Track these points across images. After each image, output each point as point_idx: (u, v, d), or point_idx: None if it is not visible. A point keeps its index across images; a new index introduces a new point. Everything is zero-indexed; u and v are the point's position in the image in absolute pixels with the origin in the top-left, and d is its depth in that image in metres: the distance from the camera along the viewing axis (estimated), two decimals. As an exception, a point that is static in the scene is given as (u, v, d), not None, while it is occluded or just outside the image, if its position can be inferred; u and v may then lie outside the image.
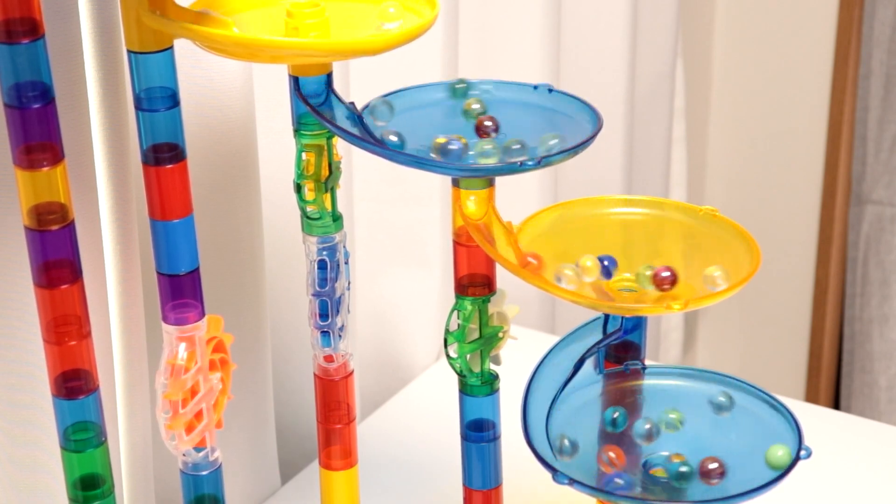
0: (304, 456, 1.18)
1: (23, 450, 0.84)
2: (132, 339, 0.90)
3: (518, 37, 1.34)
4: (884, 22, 1.78)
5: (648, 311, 0.79)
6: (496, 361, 0.85)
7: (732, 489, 0.76)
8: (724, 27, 1.90)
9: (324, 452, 0.90)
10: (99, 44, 0.82)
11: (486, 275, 0.83)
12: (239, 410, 1.02)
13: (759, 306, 1.99)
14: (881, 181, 1.82)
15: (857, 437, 1.15)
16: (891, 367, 1.86)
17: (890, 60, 1.78)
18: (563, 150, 0.77)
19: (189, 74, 0.91)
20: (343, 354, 0.88)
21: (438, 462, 1.12)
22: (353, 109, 0.80)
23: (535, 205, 1.36)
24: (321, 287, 0.85)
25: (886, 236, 1.84)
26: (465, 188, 0.79)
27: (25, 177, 0.69)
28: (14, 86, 0.67)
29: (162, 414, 0.77)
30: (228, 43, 0.74)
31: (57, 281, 0.71)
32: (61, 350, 0.72)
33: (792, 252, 1.93)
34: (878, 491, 1.08)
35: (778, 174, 1.93)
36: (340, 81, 1.05)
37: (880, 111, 1.80)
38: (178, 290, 0.78)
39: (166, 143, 0.75)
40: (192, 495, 0.82)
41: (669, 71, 1.64)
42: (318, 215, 0.84)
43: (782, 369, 1.99)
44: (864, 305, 1.86)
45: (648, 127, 1.64)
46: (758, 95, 1.91)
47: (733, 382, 0.83)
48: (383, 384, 1.28)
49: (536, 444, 0.79)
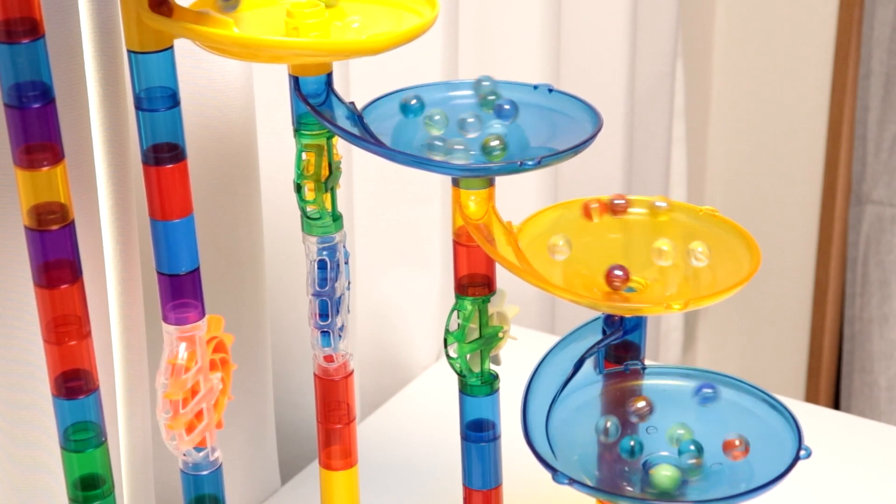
0: (304, 456, 1.18)
1: (23, 450, 0.84)
2: (132, 339, 0.90)
3: (518, 37, 1.34)
4: (884, 22, 1.78)
5: (648, 311, 0.79)
6: (496, 361, 0.85)
7: (732, 489, 0.76)
8: (724, 27, 1.90)
9: (324, 452, 0.90)
10: (99, 44, 0.82)
11: (486, 275, 0.83)
12: (239, 410, 1.02)
13: (759, 306, 1.99)
14: (881, 181, 1.82)
15: (857, 437, 1.15)
16: (891, 367, 1.86)
17: (890, 60, 1.78)
18: (563, 150, 0.77)
19: (189, 74, 0.91)
20: (343, 354, 0.88)
21: (438, 462, 1.12)
22: (353, 109, 0.80)
23: (535, 205, 1.36)
24: (321, 287, 0.85)
25: (886, 236, 1.84)
26: (465, 188, 0.79)
27: (25, 177, 0.69)
28: (14, 86, 0.67)
29: (162, 414, 0.77)
30: (228, 43, 0.74)
31: (57, 281, 0.71)
32: (61, 350, 0.72)
33: (792, 252, 1.93)
34: (878, 491, 1.08)
35: (778, 174, 1.93)
36: (340, 81, 1.05)
37: (880, 111, 1.80)
38: (179, 290, 0.78)
39: (166, 143, 0.75)
40: (192, 495, 0.82)
41: (669, 71, 1.64)
42: (318, 215, 0.84)
43: (782, 369, 1.99)
44: (864, 305, 1.87)
45: (648, 127, 1.64)
46: (758, 95, 1.91)
47: (733, 382, 0.83)
48: (383, 384, 1.28)
49: (536, 444, 0.79)
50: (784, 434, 0.79)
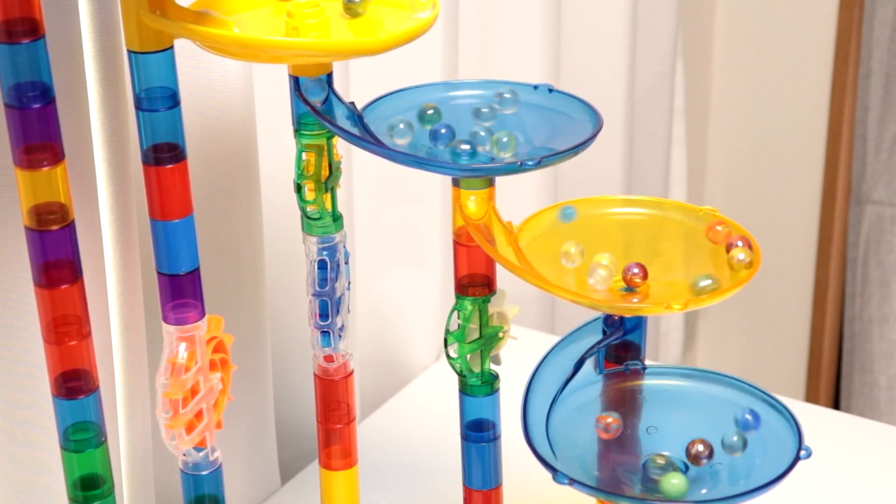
0: (304, 456, 1.18)
1: (23, 450, 0.84)
2: (132, 339, 0.90)
3: (518, 37, 1.34)
4: (884, 22, 1.78)
5: (648, 311, 0.79)
6: (496, 361, 0.85)
7: (732, 489, 0.76)
8: (724, 27, 1.90)
9: (324, 452, 0.90)
10: (99, 44, 0.82)
11: (486, 275, 0.83)
12: (239, 410, 1.02)
13: (759, 306, 1.99)
14: (881, 181, 1.82)
15: (857, 437, 1.15)
16: (891, 367, 1.86)
17: (890, 60, 1.78)
18: (563, 150, 0.77)
19: (189, 74, 0.91)
20: (343, 354, 0.88)
21: (438, 462, 1.12)
22: (353, 109, 0.80)
23: (535, 205, 1.36)
24: (321, 287, 0.85)
25: (886, 236, 1.84)
26: (465, 188, 0.79)
27: (25, 177, 0.69)
28: (14, 86, 0.67)
29: (162, 414, 0.77)
30: (228, 43, 0.74)
31: (57, 281, 0.71)
32: (61, 350, 0.72)
33: (792, 252, 1.93)
34: (878, 491, 1.08)
35: (778, 174, 1.93)
36: (340, 81, 1.05)
37: (880, 111, 1.80)
38: (179, 290, 0.78)
39: (166, 143, 0.75)
40: (192, 495, 0.82)
41: (669, 71, 1.64)
42: (318, 215, 0.84)
43: (782, 369, 1.99)
44: (864, 305, 1.87)
45: (648, 127, 1.64)
46: (758, 95, 1.91)
47: (733, 382, 0.83)
48: (383, 384, 1.28)
49: (536, 444, 0.79)
50: (784, 434, 0.79)
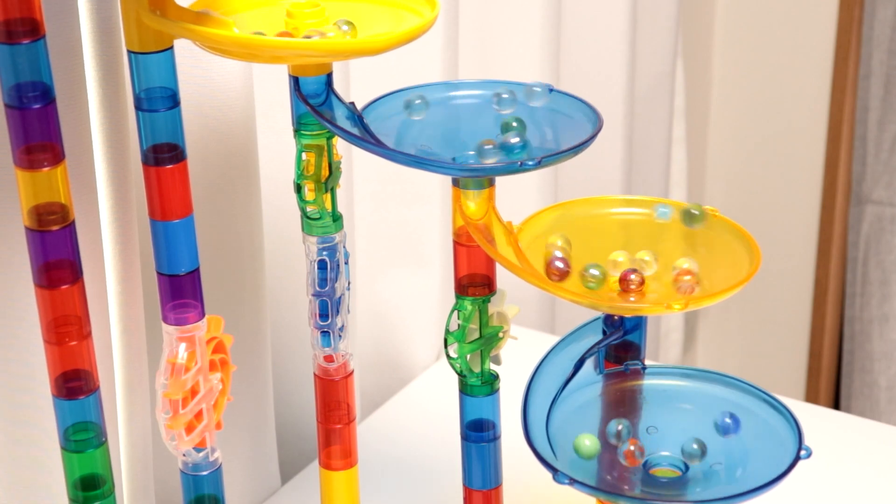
0: (304, 456, 1.18)
1: (23, 450, 0.84)
2: (132, 339, 0.90)
3: (518, 37, 1.34)
4: (884, 22, 1.78)
5: (648, 311, 0.79)
6: (496, 361, 0.85)
7: (732, 489, 0.76)
8: (724, 27, 1.90)
9: (324, 452, 0.90)
10: (99, 44, 0.82)
11: (486, 275, 0.83)
12: (239, 410, 1.02)
13: (759, 306, 1.99)
14: (881, 181, 1.82)
15: (857, 437, 1.15)
16: (891, 367, 1.86)
17: (890, 60, 1.78)
18: (563, 150, 0.77)
19: (189, 74, 0.91)
20: (343, 354, 0.88)
21: (438, 462, 1.12)
22: (353, 109, 0.80)
23: (535, 205, 1.36)
24: (321, 287, 0.85)
25: (886, 236, 1.84)
26: (465, 188, 0.79)
27: (26, 177, 0.69)
28: (14, 86, 0.67)
29: (162, 414, 0.77)
30: (228, 43, 0.74)
31: (57, 281, 0.71)
32: (61, 350, 0.72)
33: (792, 252, 1.93)
34: (878, 491, 1.08)
35: (778, 174, 1.93)
36: (340, 81, 1.05)
37: (880, 111, 1.80)
38: (178, 291, 0.78)
39: (166, 144, 0.75)
40: (192, 495, 0.82)
41: (669, 71, 1.64)
42: (318, 215, 0.84)
43: (782, 369, 1.99)
44: (864, 305, 1.87)
45: (648, 127, 1.64)
46: (758, 95, 1.91)
47: (733, 382, 0.83)
48: (383, 384, 1.28)
49: (536, 444, 0.79)
50: (784, 434, 0.79)
